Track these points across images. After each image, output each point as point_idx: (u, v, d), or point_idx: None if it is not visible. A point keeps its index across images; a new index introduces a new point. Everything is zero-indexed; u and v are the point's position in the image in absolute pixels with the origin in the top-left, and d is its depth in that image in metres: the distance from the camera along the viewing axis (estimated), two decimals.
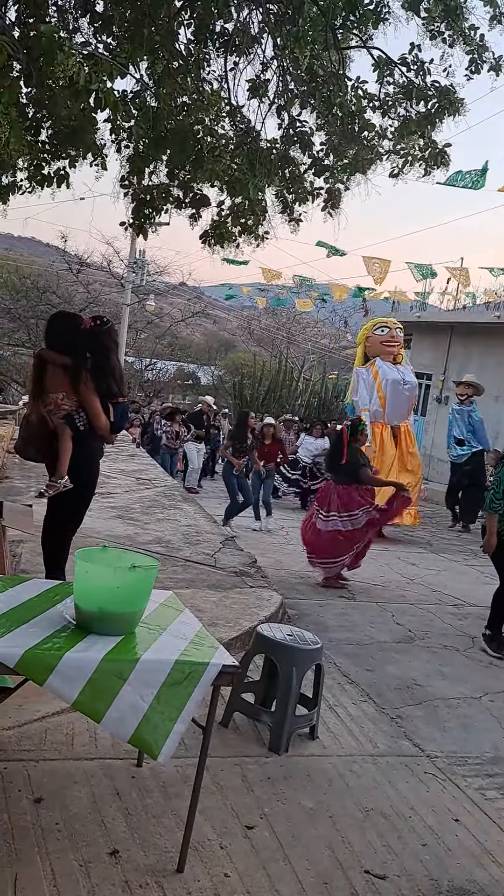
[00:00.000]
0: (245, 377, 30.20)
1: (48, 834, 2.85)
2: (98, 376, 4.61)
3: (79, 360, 4.57)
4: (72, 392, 4.57)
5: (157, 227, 7.29)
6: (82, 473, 4.65)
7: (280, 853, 2.99)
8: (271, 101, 6.44)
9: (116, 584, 2.76)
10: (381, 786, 3.67)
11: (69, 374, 4.56)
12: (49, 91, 5.06)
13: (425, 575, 8.81)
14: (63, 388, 4.58)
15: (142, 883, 2.66)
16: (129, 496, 9.72)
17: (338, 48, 6.18)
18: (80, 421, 4.61)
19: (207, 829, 3.05)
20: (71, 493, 4.63)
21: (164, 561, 6.44)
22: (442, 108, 6.14)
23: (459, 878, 3.03)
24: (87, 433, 4.63)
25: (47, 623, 2.79)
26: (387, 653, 5.72)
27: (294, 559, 8.84)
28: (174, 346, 45.64)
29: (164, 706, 2.61)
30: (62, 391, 4.58)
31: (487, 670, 5.64)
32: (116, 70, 4.79)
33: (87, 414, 4.60)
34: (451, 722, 4.61)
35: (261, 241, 6.75)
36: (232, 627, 5.14)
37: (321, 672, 4.19)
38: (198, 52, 6.17)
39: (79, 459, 4.62)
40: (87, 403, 4.58)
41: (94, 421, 4.61)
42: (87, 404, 4.58)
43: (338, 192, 6.73)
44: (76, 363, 4.56)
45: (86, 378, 4.56)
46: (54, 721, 3.74)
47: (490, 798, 3.72)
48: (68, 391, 4.58)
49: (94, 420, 4.61)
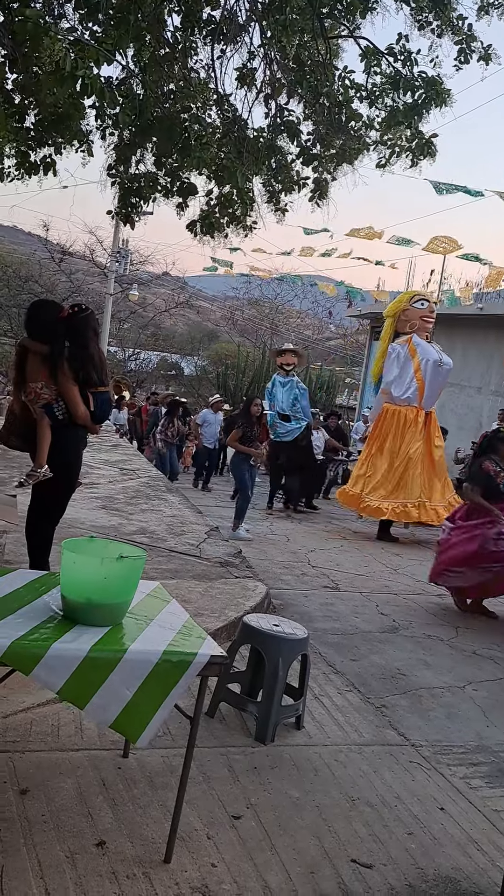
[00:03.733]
0: (229, 368, 30.22)
1: (34, 825, 2.83)
2: (76, 365, 4.54)
3: (56, 349, 4.51)
4: (50, 381, 4.53)
5: (141, 216, 7.24)
6: (63, 463, 4.62)
7: (267, 843, 3.00)
8: (258, 90, 6.41)
9: (104, 574, 2.74)
10: (366, 775, 3.69)
11: (47, 362, 4.51)
12: (35, 77, 5.00)
13: (408, 566, 8.85)
14: (42, 377, 4.54)
15: (129, 874, 2.65)
16: (113, 486, 9.69)
17: (325, 37, 6.17)
18: (59, 410, 4.56)
19: (194, 819, 3.05)
20: (53, 484, 4.60)
21: (149, 551, 6.42)
22: (429, 98, 6.14)
23: (445, 866, 3.05)
24: (66, 423, 4.59)
25: (34, 614, 2.77)
26: (371, 643, 5.75)
27: (278, 549, 8.86)
28: (158, 336, 45.47)
29: (148, 695, 2.60)
30: (41, 380, 4.54)
31: (471, 660, 5.68)
32: (102, 56, 4.75)
33: (66, 403, 4.55)
34: (436, 711, 4.64)
35: (249, 231, 6.73)
36: (218, 618, 5.14)
37: (307, 662, 4.20)
38: (185, 39, 6.12)
39: (59, 449, 4.59)
40: (65, 392, 4.53)
41: (72, 410, 4.56)
42: (65, 393, 4.53)
43: (325, 182, 6.72)
44: (53, 352, 4.51)
45: (63, 367, 4.50)
46: (40, 712, 3.72)
47: (475, 787, 3.75)
48: (46, 380, 4.53)
49: (72, 409, 4.56)
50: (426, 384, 10.45)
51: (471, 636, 6.25)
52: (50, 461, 4.60)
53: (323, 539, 10.03)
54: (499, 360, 16.12)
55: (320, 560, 8.54)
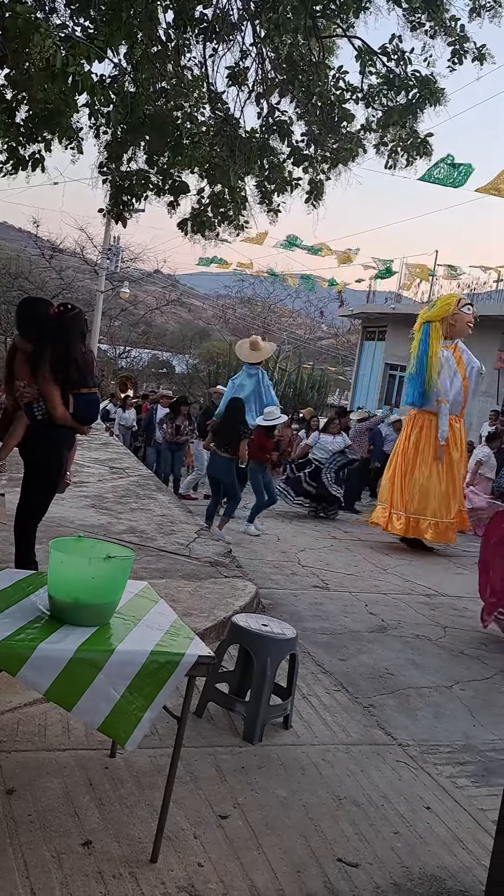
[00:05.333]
0: (220, 366, 30.18)
1: (20, 825, 2.83)
2: (57, 366, 4.48)
3: (38, 348, 4.47)
4: (31, 380, 4.49)
5: (132, 214, 7.22)
6: (44, 463, 4.60)
7: (253, 842, 3.00)
8: (251, 89, 6.41)
9: (91, 574, 2.74)
10: (353, 774, 3.70)
11: (30, 361, 4.49)
12: (26, 73, 4.98)
13: (397, 565, 8.87)
14: (24, 376, 4.51)
15: (115, 873, 2.65)
16: (102, 485, 9.67)
17: (317, 36, 6.16)
18: (39, 410, 4.51)
19: (181, 818, 3.05)
20: (37, 483, 4.59)
21: (138, 551, 6.41)
22: (423, 98, 6.15)
23: (430, 864, 3.06)
24: (46, 423, 4.53)
25: (20, 614, 2.76)
26: (360, 642, 5.76)
27: (269, 549, 8.86)
28: (149, 334, 45.44)
29: (136, 696, 2.60)
30: (24, 379, 4.51)
31: (458, 659, 5.70)
32: (94, 54, 4.73)
33: (45, 404, 4.52)
34: (423, 711, 4.65)
35: (240, 231, 6.73)
36: (206, 617, 5.14)
37: (295, 662, 4.20)
38: (177, 37, 6.11)
39: (39, 449, 4.56)
40: (45, 393, 4.48)
41: (51, 411, 4.50)
42: (43, 393, 4.48)
43: (320, 184, 6.71)
44: (35, 350, 4.48)
45: (44, 367, 4.45)
46: (26, 712, 3.71)
47: (461, 786, 3.76)
48: (28, 379, 4.50)
49: (50, 410, 4.50)
50: (469, 392, 10.08)
51: (458, 636, 6.28)
52: (33, 460, 4.59)
53: (313, 539, 10.03)
54: (489, 361, 16.17)
55: (310, 560, 8.55)
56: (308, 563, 8.33)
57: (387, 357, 25.98)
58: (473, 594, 6.87)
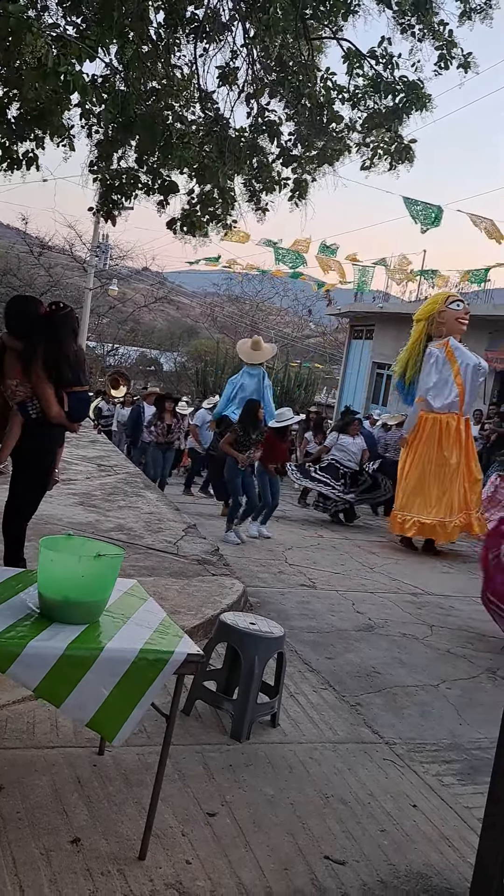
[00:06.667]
0: (208, 364, 30.20)
1: (8, 822, 2.84)
2: (50, 364, 4.48)
3: (30, 346, 4.47)
4: (24, 379, 4.49)
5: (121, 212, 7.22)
6: (37, 461, 4.60)
7: (241, 840, 3.02)
8: (240, 90, 6.42)
9: (81, 572, 2.75)
10: (340, 772, 3.73)
11: (21, 360, 4.49)
12: (17, 72, 4.98)
13: (384, 564, 8.92)
14: (16, 375, 4.51)
15: (103, 871, 2.67)
16: (90, 483, 9.66)
17: (307, 38, 6.18)
18: (34, 409, 4.52)
19: (169, 816, 3.07)
20: (28, 481, 4.59)
21: (127, 548, 6.42)
22: (409, 102, 6.18)
23: (417, 862, 3.09)
24: (40, 421, 4.54)
25: (10, 612, 2.77)
26: (347, 641, 5.79)
27: (255, 547, 8.88)
28: (137, 331, 45.36)
29: (125, 693, 2.62)
30: (16, 377, 4.52)
31: (445, 658, 5.75)
32: (85, 53, 4.73)
33: (39, 402, 4.53)
34: (410, 709, 4.69)
35: (229, 230, 6.74)
36: (194, 615, 5.16)
37: (283, 660, 4.23)
38: (168, 37, 6.12)
39: (32, 447, 4.56)
40: (38, 391, 4.48)
41: (45, 409, 4.50)
42: (38, 392, 4.48)
43: (305, 183, 6.74)
44: (27, 349, 4.48)
45: (37, 365, 4.45)
46: (15, 709, 3.72)
47: (447, 784, 3.80)
48: (21, 378, 4.50)
49: (45, 409, 4.50)
50: (466, 389, 9.98)
51: (445, 635, 6.32)
52: (24, 458, 4.58)
53: (300, 537, 10.07)
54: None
55: (297, 558, 8.58)
56: (295, 562, 8.36)
57: (374, 356, 26.06)
58: (460, 593, 6.93)
